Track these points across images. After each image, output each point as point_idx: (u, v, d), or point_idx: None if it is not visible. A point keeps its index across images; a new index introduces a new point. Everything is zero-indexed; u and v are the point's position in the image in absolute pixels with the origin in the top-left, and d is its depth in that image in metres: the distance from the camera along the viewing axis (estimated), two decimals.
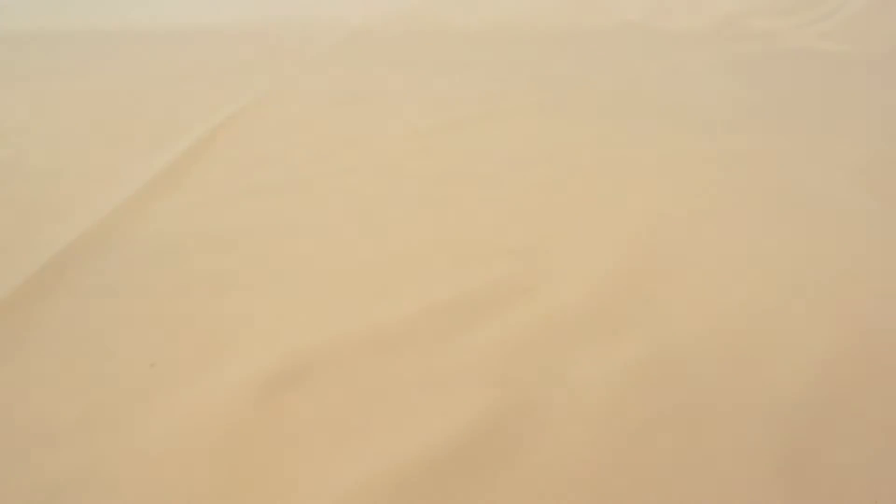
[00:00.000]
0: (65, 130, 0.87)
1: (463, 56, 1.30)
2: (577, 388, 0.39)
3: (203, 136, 0.81)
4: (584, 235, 0.57)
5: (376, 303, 0.48)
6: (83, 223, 0.59)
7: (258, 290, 0.49)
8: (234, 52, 1.35)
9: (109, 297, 0.49)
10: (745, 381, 0.40)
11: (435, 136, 0.83)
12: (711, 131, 0.84)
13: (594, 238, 0.57)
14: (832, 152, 0.75)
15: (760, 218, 0.60)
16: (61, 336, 0.45)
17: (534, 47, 1.38)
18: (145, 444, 0.36)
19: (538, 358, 0.42)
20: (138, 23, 1.61)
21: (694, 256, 0.54)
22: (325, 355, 0.42)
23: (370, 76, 1.14)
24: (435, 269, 0.52)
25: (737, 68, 1.19)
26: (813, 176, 0.69)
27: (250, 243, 0.56)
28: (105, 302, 0.48)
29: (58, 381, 0.41)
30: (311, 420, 0.37)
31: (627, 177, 0.70)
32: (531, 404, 0.38)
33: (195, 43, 1.43)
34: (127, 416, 0.38)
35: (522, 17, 1.64)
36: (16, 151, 0.79)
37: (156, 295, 0.49)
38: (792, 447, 0.36)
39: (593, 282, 0.50)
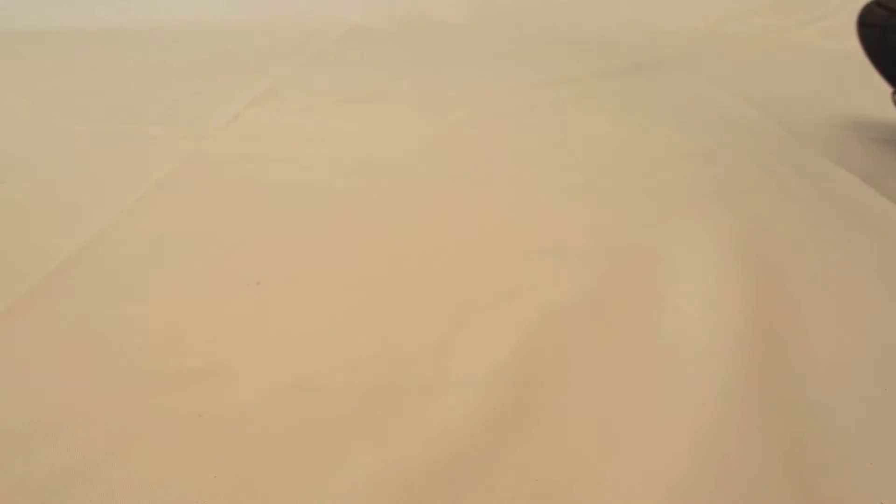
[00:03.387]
0: (63, 130, 0.86)
1: (463, 54, 1.29)
2: None
3: (202, 136, 0.81)
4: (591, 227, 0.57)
5: (379, 308, 0.47)
6: (84, 225, 0.58)
7: (263, 290, 0.49)
8: (232, 51, 1.35)
9: (115, 300, 0.48)
10: None
11: (437, 133, 0.82)
12: (711, 129, 0.84)
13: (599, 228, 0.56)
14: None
15: None
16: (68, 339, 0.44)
17: (534, 46, 1.37)
18: (153, 444, 0.35)
19: None
20: (137, 22, 1.60)
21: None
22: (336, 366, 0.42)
23: (370, 74, 1.13)
24: (437, 269, 0.51)
25: (738, 66, 1.18)
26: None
27: (254, 243, 0.55)
28: (111, 304, 0.48)
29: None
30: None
31: (632, 169, 0.70)
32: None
33: (193, 42, 1.43)
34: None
35: (523, 15, 1.64)
36: (13, 152, 0.78)
37: (163, 296, 0.48)
38: None
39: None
